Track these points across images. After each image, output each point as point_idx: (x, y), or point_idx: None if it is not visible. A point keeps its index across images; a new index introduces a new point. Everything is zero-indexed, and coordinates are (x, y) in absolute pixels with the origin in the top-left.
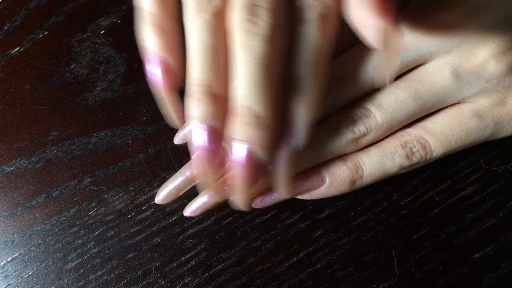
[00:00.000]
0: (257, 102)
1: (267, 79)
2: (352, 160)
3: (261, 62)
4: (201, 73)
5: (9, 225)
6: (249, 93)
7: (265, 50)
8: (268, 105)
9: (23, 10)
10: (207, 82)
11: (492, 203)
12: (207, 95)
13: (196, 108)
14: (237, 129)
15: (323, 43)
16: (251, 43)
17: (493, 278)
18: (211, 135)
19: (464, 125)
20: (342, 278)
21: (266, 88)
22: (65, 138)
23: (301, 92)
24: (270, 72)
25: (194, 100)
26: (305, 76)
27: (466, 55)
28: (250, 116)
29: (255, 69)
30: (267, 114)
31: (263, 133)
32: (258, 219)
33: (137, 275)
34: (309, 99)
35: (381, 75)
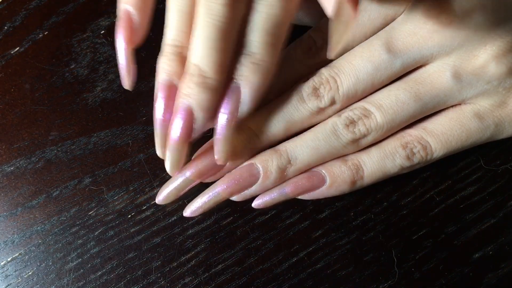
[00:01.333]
0: (206, 62)
1: (221, 42)
2: (352, 160)
3: (219, 25)
4: (174, 34)
5: (9, 225)
6: (201, 52)
7: (223, 13)
8: (218, 68)
9: (23, 10)
10: (178, 43)
11: (492, 203)
12: (176, 55)
13: (163, 65)
14: (183, 86)
15: (282, 15)
16: (211, 5)
17: (493, 278)
18: (169, 92)
19: (465, 126)
20: (342, 278)
21: (219, 51)
22: (65, 138)
23: (253, 60)
24: (225, 36)
25: (163, 58)
26: (259, 45)
27: (466, 57)
28: (197, 75)
29: (211, 30)
30: (214, 76)
31: (206, 94)
32: (258, 219)
33: (137, 275)
34: (261, 67)
35: (370, 74)
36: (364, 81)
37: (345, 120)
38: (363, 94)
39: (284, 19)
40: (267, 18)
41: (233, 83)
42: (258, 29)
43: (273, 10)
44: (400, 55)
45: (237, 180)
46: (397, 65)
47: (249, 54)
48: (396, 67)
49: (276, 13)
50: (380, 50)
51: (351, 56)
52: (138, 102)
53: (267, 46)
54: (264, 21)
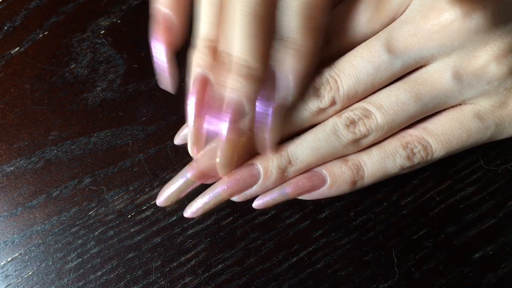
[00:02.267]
0: (249, 53)
1: (259, 30)
2: (353, 160)
3: (253, 12)
4: (206, 28)
5: (9, 225)
6: (242, 43)
7: (257, 1)
8: (260, 57)
9: (23, 10)
10: (211, 37)
11: (492, 203)
12: (209, 49)
13: (197, 59)
14: (230, 79)
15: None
16: None
17: (493, 278)
18: (203, 85)
19: (465, 126)
20: (342, 278)
21: (259, 39)
22: (65, 138)
23: (294, 46)
24: (262, 23)
25: (197, 53)
26: (298, 29)
27: (467, 57)
28: (242, 67)
29: (248, 19)
30: (259, 66)
31: (254, 85)
32: (258, 219)
33: (137, 275)
34: (302, 52)
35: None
36: (364, 81)
37: (346, 121)
38: (363, 94)
39: (319, 2)
40: (302, 2)
41: (277, 71)
42: (295, 14)
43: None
44: (401, 56)
45: (237, 181)
46: (398, 66)
47: (289, 40)
48: (397, 68)
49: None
50: (380, 51)
51: (351, 57)
52: (138, 102)
53: (305, 31)
54: (300, 5)
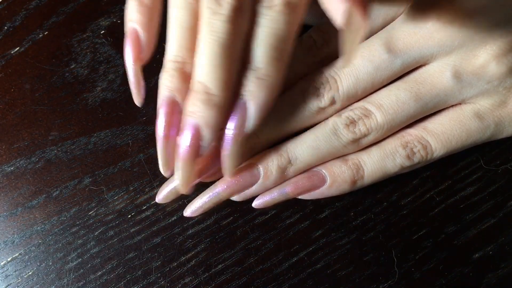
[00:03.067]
0: (211, 80)
1: (225, 59)
2: (353, 160)
3: (220, 41)
4: (175, 50)
5: (9, 225)
6: (205, 70)
7: (226, 30)
8: (222, 84)
9: (23, 10)
10: (180, 59)
11: (492, 203)
12: (178, 71)
13: (165, 81)
14: (188, 104)
15: (286, 29)
16: (213, 22)
17: (493, 278)
18: (171, 108)
19: (465, 125)
20: (342, 278)
21: (223, 68)
22: (65, 138)
23: (259, 75)
24: (229, 52)
25: (165, 74)
26: (265, 60)
27: (467, 57)
28: (202, 93)
29: (214, 47)
30: (220, 93)
31: (212, 111)
32: (258, 219)
33: (137, 275)
34: (267, 82)
35: (371, 73)
36: (364, 81)
37: (346, 120)
38: (363, 94)
39: (288, 33)
40: (271, 33)
41: (239, 99)
42: (263, 44)
43: (277, 24)
44: (400, 55)
45: (237, 180)
46: (397, 65)
47: (255, 69)
48: (396, 67)
49: (280, 27)
50: (380, 50)
51: None
52: None
53: (272, 61)
54: (269, 36)
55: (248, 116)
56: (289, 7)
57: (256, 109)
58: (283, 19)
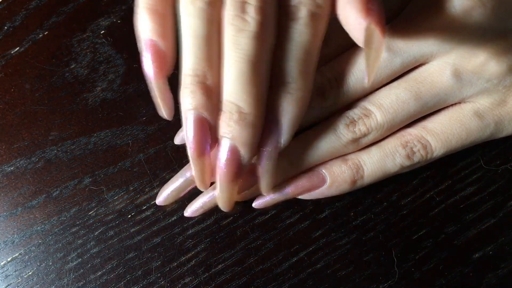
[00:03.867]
0: (242, 98)
1: (253, 76)
2: (353, 159)
3: (248, 59)
4: (193, 63)
5: (9, 225)
6: (235, 89)
7: (252, 46)
8: (254, 102)
9: (23, 10)
10: (200, 73)
11: (492, 203)
12: (199, 86)
13: (187, 98)
14: (222, 125)
15: (312, 41)
16: (239, 39)
17: (493, 278)
18: (201, 126)
19: (465, 124)
20: (342, 278)
21: (253, 85)
22: (65, 138)
23: (288, 89)
24: (257, 69)
25: (185, 90)
26: (293, 73)
27: (467, 55)
28: (234, 113)
29: (242, 65)
30: (252, 111)
31: (247, 130)
32: (258, 219)
33: (137, 275)
34: (296, 96)
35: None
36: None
37: (345, 120)
38: (363, 93)
39: (315, 44)
40: (299, 47)
41: (271, 115)
42: (291, 59)
43: (304, 37)
44: (400, 54)
45: None
46: (397, 64)
47: (284, 84)
48: (396, 66)
49: (307, 39)
50: None
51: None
52: (138, 102)
53: (301, 75)
54: (297, 50)
55: (281, 132)
56: (314, 19)
57: (289, 125)
58: (309, 31)
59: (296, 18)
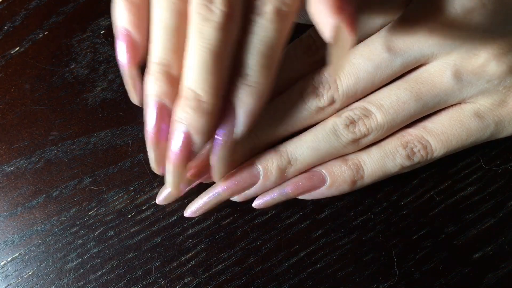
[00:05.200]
0: (201, 86)
1: (215, 66)
2: (353, 160)
3: (211, 48)
4: (161, 52)
5: (9, 225)
6: (196, 77)
7: (217, 37)
8: (213, 91)
9: (23, 10)
10: (166, 62)
11: (492, 203)
12: (164, 74)
13: (152, 85)
14: (178, 110)
15: (276, 37)
16: (204, 29)
17: (493, 278)
18: (161, 113)
19: (465, 125)
20: (342, 278)
21: (213, 75)
22: (65, 138)
23: (247, 82)
24: (219, 59)
25: (151, 77)
26: (254, 67)
27: (467, 56)
28: (192, 99)
29: (204, 54)
30: (210, 100)
31: (203, 118)
32: (258, 219)
33: (137, 275)
34: (256, 89)
35: (370, 73)
36: (364, 80)
37: (345, 120)
38: (363, 93)
39: (278, 41)
40: (261, 41)
41: (228, 105)
42: (253, 52)
43: (267, 32)
44: (401, 54)
45: (237, 181)
46: (397, 64)
47: (244, 76)
48: (396, 66)
49: (270, 35)
50: (380, 49)
51: (351, 55)
52: None
53: (262, 69)
54: (259, 44)
55: (236, 122)
56: (279, 15)
57: (245, 116)
58: (273, 27)
59: (262, 13)
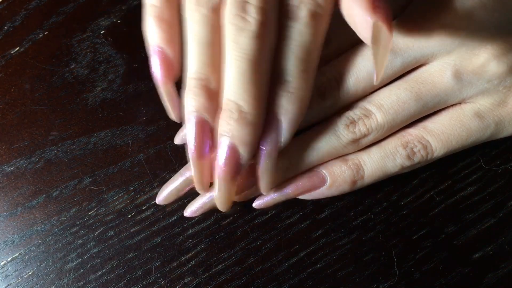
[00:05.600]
0: (242, 97)
1: (254, 75)
2: (353, 160)
3: (248, 58)
4: (197, 67)
5: (9, 225)
6: (235, 88)
7: (253, 46)
8: (254, 101)
9: (23, 10)
10: (203, 76)
11: (492, 203)
12: (202, 89)
13: (191, 100)
14: (221, 123)
15: (313, 40)
16: (239, 39)
17: (493, 278)
18: (201, 128)
19: (465, 125)
20: (342, 278)
21: (253, 84)
22: (65, 138)
23: (288, 88)
24: (257, 68)
25: (189, 93)
26: (293, 73)
27: (467, 56)
28: (234, 111)
29: (242, 64)
30: (252, 110)
31: (247, 129)
32: (258, 219)
33: (137, 275)
34: (297, 95)
35: (370, 73)
36: (364, 80)
37: (345, 120)
38: (363, 93)
39: (315, 44)
40: (298, 46)
41: (271, 114)
42: (291, 58)
43: (304, 36)
44: (401, 54)
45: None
46: (398, 64)
47: (284, 83)
48: (397, 66)
49: (307, 39)
50: None
51: (351, 55)
52: (138, 102)
53: (301, 74)
54: (296, 49)
55: (281, 131)
56: (315, 19)
57: (289, 124)
58: (309, 31)
59: (297, 17)
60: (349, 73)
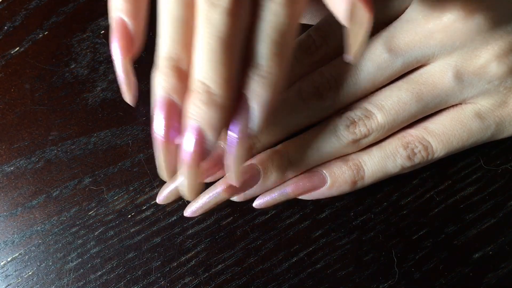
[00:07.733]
0: (212, 78)
1: (225, 55)
2: (353, 160)
3: (220, 36)
4: (169, 46)
5: (9, 225)
6: (205, 68)
7: (225, 23)
8: (224, 83)
9: (23, 10)
10: (175, 56)
11: (492, 203)
12: (172, 69)
13: (160, 81)
14: (189, 105)
15: (288, 23)
16: (211, 15)
17: (493, 278)
18: (170, 111)
19: (466, 126)
20: (342, 278)
21: (224, 65)
22: (65, 138)
23: (260, 72)
24: (228, 48)
25: (159, 73)
26: (266, 56)
27: (468, 57)
28: (203, 93)
29: (213, 42)
30: (222, 92)
31: (216, 112)
32: (258, 219)
33: (137, 275)
34: (269, 80)
35: (370, 73)
36: (364, 80)
37: (346, 121)
38: (363, 93)
39: (290, 27)
40: (273, 27)
41: (242, 98)
42: (264, 39)
43: (278, 18)
44: (401, 54)
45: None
46: (398, 65)
47: (256, 66)
48: (397, 67)
49: (282, 20)
50: (381, 49)
51: None
52: (138, 102)
53: (275, 57)
54: (270, 30)
55: (252, 117)
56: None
57: (260, 110)
58: (285, 12)
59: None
60: (348, 74)
